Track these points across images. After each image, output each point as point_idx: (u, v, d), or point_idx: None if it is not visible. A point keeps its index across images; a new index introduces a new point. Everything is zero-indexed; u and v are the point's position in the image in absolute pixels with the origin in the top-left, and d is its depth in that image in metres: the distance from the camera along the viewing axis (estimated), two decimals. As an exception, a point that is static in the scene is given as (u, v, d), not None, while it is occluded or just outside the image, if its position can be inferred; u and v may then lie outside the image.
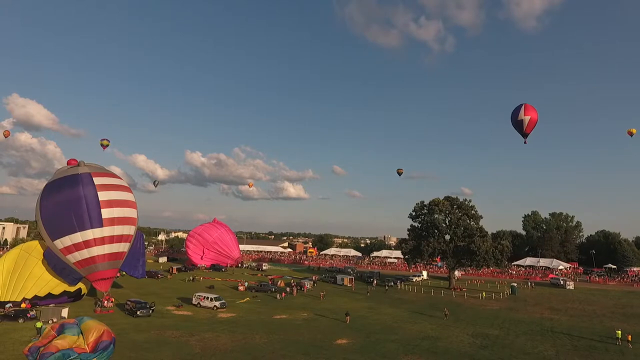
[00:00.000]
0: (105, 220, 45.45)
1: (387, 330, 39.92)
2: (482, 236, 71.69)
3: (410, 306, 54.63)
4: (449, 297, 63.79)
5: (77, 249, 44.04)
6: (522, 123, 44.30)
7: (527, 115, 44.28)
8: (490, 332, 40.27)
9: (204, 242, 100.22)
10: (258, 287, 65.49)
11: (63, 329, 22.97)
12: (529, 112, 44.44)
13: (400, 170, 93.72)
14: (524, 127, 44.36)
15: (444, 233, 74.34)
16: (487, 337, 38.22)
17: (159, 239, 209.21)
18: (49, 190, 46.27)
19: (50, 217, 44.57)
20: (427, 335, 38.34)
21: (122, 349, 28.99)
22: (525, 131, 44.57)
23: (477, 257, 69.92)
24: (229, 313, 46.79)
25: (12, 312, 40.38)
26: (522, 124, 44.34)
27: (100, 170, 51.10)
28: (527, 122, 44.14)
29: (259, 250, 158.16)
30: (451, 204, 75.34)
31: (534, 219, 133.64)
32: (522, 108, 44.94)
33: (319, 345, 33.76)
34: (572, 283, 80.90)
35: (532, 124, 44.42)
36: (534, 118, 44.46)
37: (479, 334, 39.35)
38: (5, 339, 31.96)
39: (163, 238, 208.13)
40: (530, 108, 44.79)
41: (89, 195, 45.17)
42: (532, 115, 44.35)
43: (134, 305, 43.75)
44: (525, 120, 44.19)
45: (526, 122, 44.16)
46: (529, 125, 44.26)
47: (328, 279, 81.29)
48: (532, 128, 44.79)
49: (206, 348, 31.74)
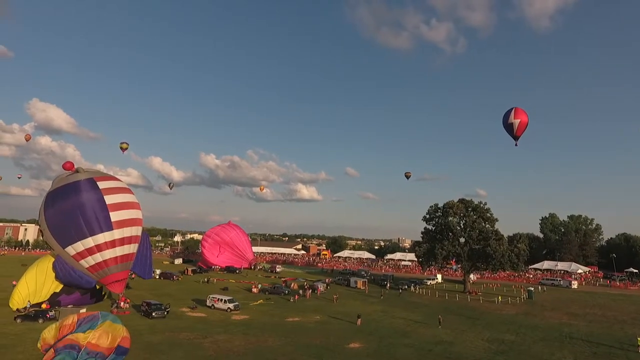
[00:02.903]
0: (114, 223, 45.95)
1: (401, 335, 39.61)
2: (497, 239, 70.61)
3: (424, 310, 54.10)
4: (464, 300, 62.97)
5: (90, 253, 44.64)
6: (512, 126, 45.47)
7: (517, 118, 45.31)
8: (506, 337, 39.59)
9: (220, 242, 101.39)
10: (271, 290, 65.72)
11: (84, 325, 22.88)
12: (519, 115, 45.47)
13: (409, 174, 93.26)
14: (514, 130, 45.48)
15: (458, 236, 73.47)
16: (503, 342, 37.58)
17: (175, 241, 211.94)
18: (52, 199, 46.15)
19: (59, 225, 44.83)
20: (441, 339, 37.90)
21: (137, 350, 29.42)
22: (515, 134, 45.66)
23: (493, 261, 68.93)
24: (242, 315, 47.08)
25: (32, 312, 41.47)
26: (512, 127, 45.50)
27: (101, 174, 51.63)
28: (517, 125, 45.19)
29: (273, 252, 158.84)
30: (466, 206, 74.43)
31: (551, 221, 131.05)
32: (512, 111, 45.98)
33: (331, 348, 33.69)
34: (576, 282, 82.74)
35: (522, 127, 45.48)
36: (524, 121, 45.46)
37: (495, 339, 38.73)
38: (25, 339, 32.72)
39: (179, 239, 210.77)
40: (520, 111, 45.79)
41: (96, 200, 45.57)
42: (522, 118, 45.38)
43: (149, 307, 44.41)
44: (515, 123, 45.23)
45: (516, 125, 45.20)
46: (519, 128, 45.34)
47: (341, 281, 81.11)
48: (523, 131, 45.88)
49: (219, 350, 31.98)
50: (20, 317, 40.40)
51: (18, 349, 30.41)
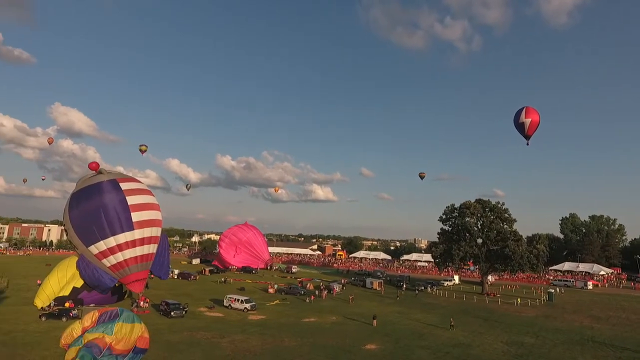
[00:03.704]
0: (135, 223, 47.05)
1: (417, 336, 39.32)
2: (516, 240, 69.43)
3: (441, 311, 53.55)
4: (481, 302, 62.12)
5: (112, 252, 45.79)
6: (523, 125, 45.01)
7: (528, 117, 44.80)
8: (525, 340, 38.90)
9: (236, 242, 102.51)
10: (287, 290, 66.06)
11: (105, 321, 23.28)
12: (530, 114, 44.97)
13: (423, 174, 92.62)
14: (525, 130, 45.06)
15: (475, 237, 72.50)
16: (522, 345, 36.94)
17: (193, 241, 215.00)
18: (77, 200, 47.51)
19: (82, 225, 46.14)
20: (458, 342, 37.48)
21: (156, 350, 29.99)
22: (527, 133, 45.21)
23: (512, 262, 67.79)
24: (259, 315, 47.47)
25: (56, 311, 42.67)
26: (523, 127, 45.05)
27: (123, 175, 52.92)
28: (528, 124, 44.71)
29: (289, 253, 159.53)
30: (483, 206, 73.41)
31: (572, 221, 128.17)
32: (523, 111, 45.53)
33: (347, 349, 33.70)
34: (591, 283, 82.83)
35: (533, 126, 44.99)
36: (535, 120, 44.93)
37: (514, 342, 38.09)
38: (50, 337, 33.65)
39: (196, 240, 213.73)
40: (531, 110, 45.27)
41: (118, 201, 46.75)
42: (533, 117, 44.88)
43: (168, 306, 45.20)
44: (526, 122, 44.74)
45: (527, 124, 44.71)
46: (530, 127, 44.85)
47: (357, 282, 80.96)
48: (534, 130, 45.39)
49: (237, 350, 32.33)
50: (44, 315, 41.59)
51: (43, 346, 31.34)
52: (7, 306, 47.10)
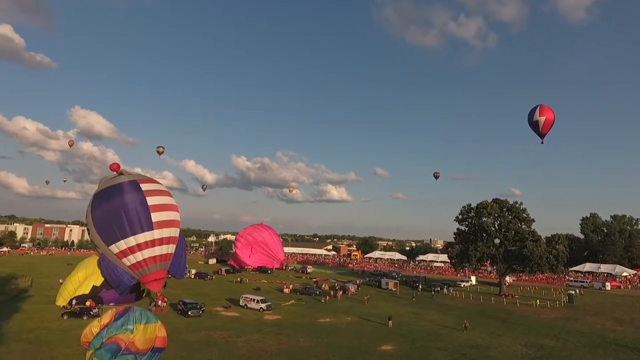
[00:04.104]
0: (155, 223, 48.00)
1: (433, 338, 38.98)
2: (534, 240, 68.18)
3: (457, 312, 52.94)
4: (499, 303, 61.18)
5: (132, 252, 46.77)
6: (537, 124, 44.40)
7: (542, 116, 44.16)
8: (545, 342, 38.17)
9: (252, 242, 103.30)
10: (303, 290, 66.23)
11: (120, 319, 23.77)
12: (544, 112, 44.33)
13: (437, 174, 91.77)
14: (539, 128, 44.44)
15: (493, 237, 71.42)
16: (542, 347, 36.27)
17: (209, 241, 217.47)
18: (99, 200, 48.71)
19: (104, 225, 47.26)
20: (476, 343, 37.01)
21: (174, 349, 30.44)
22: (541, 132, 44.60)
23: (530, 263, 66.61)
24: (274, 315, 47.74)
25: (77, 309, 43.72)
26: (537, 125, 44.44)
27: (143, 177, 54.01)
28: (542, 123, 44.10)
29: (304, 253, 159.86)
30: (500, 206, 72.28)
31: (593, 221, 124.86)
32: (537, 109, 44.85)
33: (363, 350, 33.64)
34: (609, 284, 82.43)
35: (548, 125, 44.33)
36: (549, 118, 44.23)
37: (533, 344, 37.43)
38: (72, 335, 34.45)
39: (213, 240, 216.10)
40: (546, 109, 44.59)
41: (139, 201, 47.75)
42: (547, 115, 44.22)
43: (185, 306, 45.85)
44: (540, 121, 44.11)
45: (542, 122, 44.10)
46: (544, 126, 44.23)
47: (372, 282, 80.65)
48: (549, 129, 44.72)
49: (253, 350, 32.61)
50: (66, 313, 42.64)
51: (65, 344, 32.17)
52: (31, 304, 48.44)
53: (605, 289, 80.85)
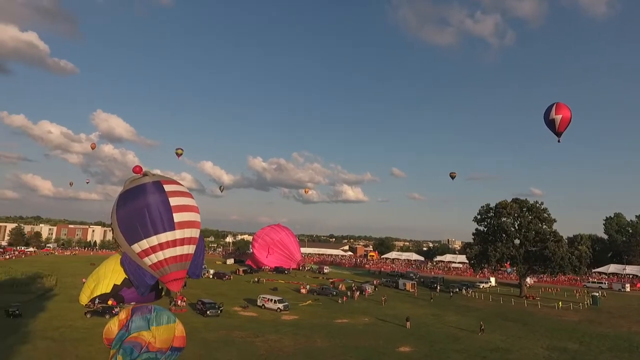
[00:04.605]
0: (176, 224, 48.88)
1: (452, 340, 38.48)
2: (556, 241, 66.63)
3: (477, 314, 52.10)
4: (520, 305, 59.98)
5: (153, 251, 47.73)
6: (554, 122, 43.83)
7: (558, 114, 43.62)
8: (568, 346, 37.23)
9: (269, 242, 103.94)
10: (320, 291, 66.28)
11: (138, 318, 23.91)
12: (560, 110, 43.75)
13: (453, 174, 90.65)
14: (556, 127, 43.86)
15: (512, 237, 70.12)
16: (565, 351, 35.40)
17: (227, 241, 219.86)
18: (124, 200, 49.90)
19: (128, 224, 48.39)
20: (496, 346, 36.38)
21: (193, 348, 30.88)
22: (558, 130, 44.04)
23: (552, 264, 65.14)
24: (291, 315, 47.92)
25: (99, 308, 44.78)
26: (554, 123, 43.87)
27: (166, 178, 55.11)
28: (558, 121, 43.57)
29: (320, 253, 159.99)
30: (520, 206, 70.89)
31: (617, 221, 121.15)
32: (553, 107, 44.23)
33: (381, 351, 33.46)
34: (628, 285, 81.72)
35: (564, 123, 43.76)
36: (566, 117, 43.64)
37: (556, 347, 36.56)
38: (95, 333, 35.23)
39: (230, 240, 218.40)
40: (562, 107, 43.97)
41: (162, 202, 48.75)
42: (564, 113, 43.65)
43: (204, 305, 46.44)
44: (557, 119, 43.58)
45: (558, 121, 43.57)
46: (561, 124, 43.71)
47: (389, 283, 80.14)
48: (566, 127, 44.14)
49: (270, 350, 32.81)
50: (89, 312, 43.73)
51: (88, 342, 32.97)
52: (56, 303, 49.85)
53: (625, 290, 78.97)
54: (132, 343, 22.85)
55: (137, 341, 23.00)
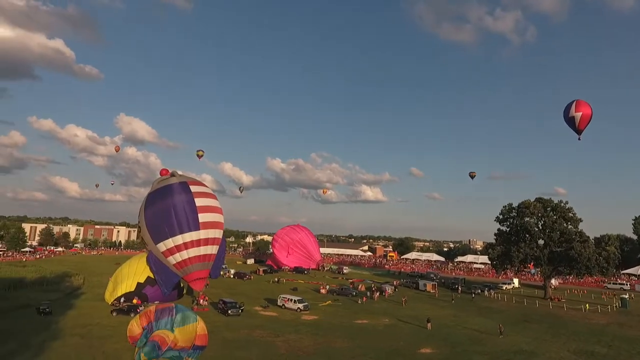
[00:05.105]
0: (201, 224, 50.00)
1: (475, 342, 37.88)
2: (582, 241, 64.74)
3: (500, 316, 51.12)
4: (544, 307, 58.53)
5: (178, 250, 48.89)
6: (574, 120, 43.25)
7: (578, 111, 43.07)
8: (596, 349, 36.12)
9: (289, 242, 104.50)
10: (339, 291, 66.30)
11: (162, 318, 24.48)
12: (580, 108, 43.17)
13: (473, 174, 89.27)
14: (576, 124, 43.22)
15: (536, 238, 68.46)
16: (593, 355, 34.36)
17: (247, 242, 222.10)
18: (152, 200, 51.38)
19: (155, 223, 49.76)
20: (520, 349, 35.63)
21: (215, 346, 31.39)
22: (578, 128, 43.42)
23: (578, 265, 63.34)
24: (311, 315, 48.10)
25: (125, 306, 45.96)
26: (574, 121, 43.27)
27: (192, 179, 56.30)
28: (579, 118, 42.99)
29: (339, 254, 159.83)
30: (544, 206, 69.18)
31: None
32: (573, 104, 43.58)
33: (402, 353, 33.26)
34: None
35: (584, 120, 43.12)
36: (586, 114, 42.99)
37: (583, 351, 35.54)
38: (121, 331, 36.13)
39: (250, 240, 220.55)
40: (582, 104, 43.32)
41: (188, 202, 49.97)
42: (584, 111, 43.04)
43: (225, 305, 47.11)
44: (576, 117, 43.02)
45: (578, 118, 43.01)
46: (581, 121, 43.11)
47: (409, 284, 79.48)
48: (586, 124, 43.47)
49: (291, 349, 33.03)
50: (115, 310, 44.96)
51: (114, 340, 33.94)
52: (83, 301, 51.46)
53: None
54: (156, 341, 23.47)
55: (161, 340, 23.63)
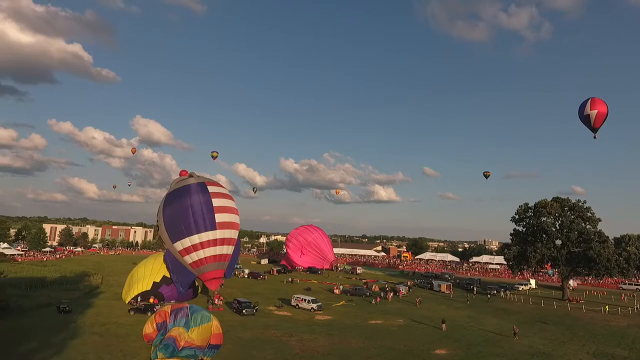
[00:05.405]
0: (218, 224, 50.66)
1: (491, 343, 37.44)
2: (601, 241, 63.37)
3: (516, 317, 50.41)
4: (563, 309, 57.49)
5: (195, 249, 49.64)
6: (589, 118, 42.63)
7: (593, 109, 42.46)
8: (616, 352, 35.33)
9: (303, 242, 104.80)
10: (353, 291, 66.24)
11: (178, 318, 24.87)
12: (595, 106, 42.52)
13: (488, 173, 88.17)
14: (591, 122, 42.60)
15: (553, 238, 67.27)
16: (613, 357, 33.63)
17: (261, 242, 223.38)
18: (170, 199, 52.27)
19: (173, 222, 50.64)
20: (537, 350, 35.09)
21: (230, 345, 31.72)
22: (593, 126, 42.82)
23: (597, 266, 62.04)
24: (325, 316, 48.18)
25: (142, 305, 46.76)
26: (589, 119, 42.64)
27: (210, 180, 57.10)
28: (594, 116, 42.39)
29: (353, 254, 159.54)
30: (561, 205, 67.92)
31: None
32: (588, 102, 42.97)
33: (416, 354, 33.07)
34: None
35: (600, 118, 42.47)
36: (601, 112, 42.33)
37: (602, 353, 34.81)
38: (138, 330, 36.67)
39: (264, 241, 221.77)
40: (598, 102, 42.65)
41: (205, 202, 50.72)
42: (599, 109, 42.39)
43: (240, 304, 47.53)
44: (592, 114, 42.42)
45: (593, 116, 42.41)
46: (596, 119, 42.48)
47: (424, 284, 78.93)
48: (602, 122, 42.82)
49: (305, 349, 33.15)
50: (132, 309, 45.76)
51: (132, 338, 34.51)
52: (102, 300, 52.48)
53: None
54: (172, 340, 23.86)
55: (176, 339, 24.02)
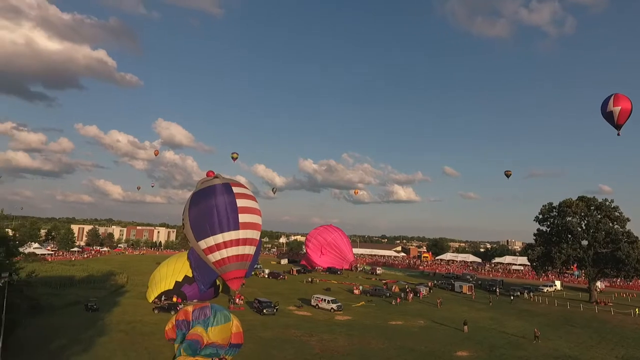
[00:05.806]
0: (241, 224, 51.71)
1: (514, 346, 36.78)
2: (630, 242, 61.27)
3: (540, 320, 49.32)
4: (590, 311, 55.87)
5: (218, 249, 50.72)
6: (612, 115, 41.50)
7: (616, 105, 41.34)
8: (646, 356, 34.27)
9: (323, 243, 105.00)
10: (373, 292, 66.02)
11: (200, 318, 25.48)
12: (619, 102, 41.45)
13: (509, 172, 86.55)
14: (615, 119, 41.47)
15: (579, 238, 65.44)
16: (642, 362, 32.66)
17: (280, 242, 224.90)
18: (196, 199, 53.56)
19: (198, 221, 51.86)
20: (563, 354, 34.29)
21: (251, 345, 32.19)
22: (617, 123, 41.68)
23: (626, 267, 60.03)
24: (345, 316, 48.24)
25: (165, 304, 47.86)
26: (612, 116, 41.51)
27: (235, 181, 58.30)
28: (617, 113, 41.29)
29: (372, 254, 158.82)
30: (587, 204, 65.99)
31: None
32: (611, 99, 41.84)
33: (438, 355, 32.82)
34: None
35: (624, 115, 41.32)
36: (625, 108, 41.24)
37: (633, 357, 33.76)
38: (161, 328, 37.42)
39: (284, 241, 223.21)
40: (621, 98, 41.53)
41: (229, 202, 51.87)
42: (623, 105, 41.31)
43: (260, 304, 48.08)
44: (615, 111, 41.31)
45: (616, 113, 41.31)
46: (620, 116, 41.36)
47: (445, 285, 77.91)
48: (626, 119, 41.64)
49: (325, 349, 33.34)
50: (157, 308, 46.91)
51: (156, 336, 35.38)
52: (127, 299, 53.95)
53: None
54: (195, 339, 24.42)
55: (198, 337, 24.59)
